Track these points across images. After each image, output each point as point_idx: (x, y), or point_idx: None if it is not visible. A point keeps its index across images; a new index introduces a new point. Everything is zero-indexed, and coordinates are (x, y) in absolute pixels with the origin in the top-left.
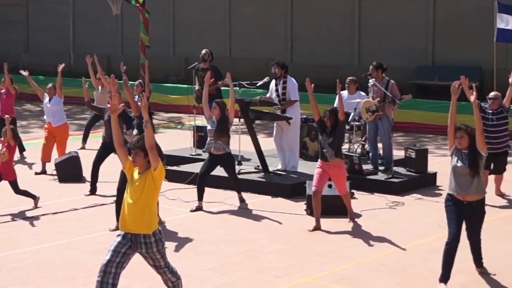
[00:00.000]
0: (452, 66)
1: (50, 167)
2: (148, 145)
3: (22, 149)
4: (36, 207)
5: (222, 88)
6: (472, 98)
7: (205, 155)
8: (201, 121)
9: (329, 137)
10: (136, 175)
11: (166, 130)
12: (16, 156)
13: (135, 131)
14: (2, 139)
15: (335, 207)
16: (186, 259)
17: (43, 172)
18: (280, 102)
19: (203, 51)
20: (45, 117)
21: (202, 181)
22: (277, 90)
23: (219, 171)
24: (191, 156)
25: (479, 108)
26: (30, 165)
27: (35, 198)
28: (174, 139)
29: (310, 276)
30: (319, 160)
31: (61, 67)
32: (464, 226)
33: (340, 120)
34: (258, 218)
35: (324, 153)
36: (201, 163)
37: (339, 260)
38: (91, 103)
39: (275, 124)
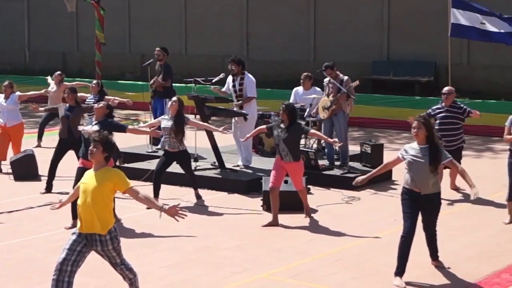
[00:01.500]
0: (407, 61)
1: (6, 166)
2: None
3: None
4: None
5: (174, 84)
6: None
7: (161, 152)
8: (152, 119)
9: (285, 133)
10: (91, 172)
11: None
12: None
13: (89, 127)
14: None
15: (291, 202)
16: (143, 256)
17: None
18: (237, 99)
19: (156, 51)
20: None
21: (158, 178)
22: (234, 86)
23: (175, 168)
24: (147, 153)
25: (428, 114)
26: None
27: None
28: (131, 136)
29: (266, 272)
30: (276, 156)
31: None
32: (420, 218)
33: (298, 122)
34: (214, 214)
35: (280, 152)
36: (157, 160)
37: (295, 256)
38: (47, 108)
39: (233, 120)
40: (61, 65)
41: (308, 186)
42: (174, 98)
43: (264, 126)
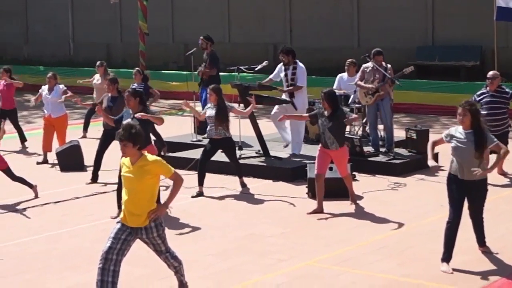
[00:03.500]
0: (452, 46)
1: (52, 157)
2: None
3: (23, 139)
4: (36, 196)
5: (221, 73)
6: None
7: (206, 141)
8: (201, 107)
9: (329, 121)
10: (129, 165)
11: (167, 117)
12: (18, 146)
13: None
14: None
15: (336, 189)
16: (188, 245)
17: (45, 161)
18: (288, 88)
19: (200, 40)
20: (44, 110)
21: (203, 167)
22: (286, 75)
23: (220, 157)
24: (192, 142)
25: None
26: (31, 155)
27: (32, 186)
28: (175, 126)
29: (311, 259)
30: (320, 143)
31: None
32: (466, 205)
33: (341, 108)
34: (259, 202)
35: (325, 140)
36: (202, 149)
37: (340, 243)
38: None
39: (275, 108)
40: (105, 56)
41: (354, 173)
42: (210, 87)
43: (306, 114)
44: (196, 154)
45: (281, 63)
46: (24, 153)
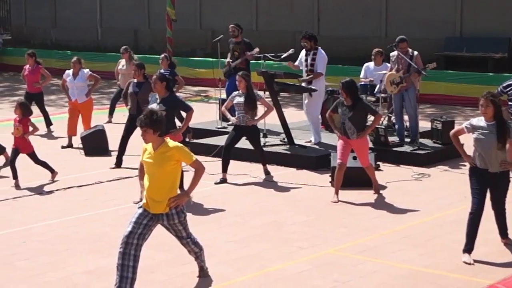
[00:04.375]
0: (480, 37)
1: (77, 141)
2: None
3: (49, 123)
4: (52, 181)
5: (252, 61)
6: None
7: (230, 128)
8: (226, 95)
9: (350, 111)
10: (150, 150)
11: (192, 104)
12: (43, 130)
13: (154, 105)
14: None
15: (360, 179)
16: (210, 231)
17: (70, 145)
18: (307, 73)
19: (230, 28)
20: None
21: (227, 154)
22: (306, 61)
23: (245, 144)
24: (216, 129)
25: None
26: (56, 139)
27: (53, 172)
28: (200, 113)
29: (333, 247)
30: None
31: None
32: (488, 196)
33: (362, 100)
34: (282, 190)
35: (346, 130)
36: (226, 136)
37: (362, 232)
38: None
39: (303, 96)
40: (133, 42)
41: (378, 163)
42: (239, 74)
43: (329, 111)
44: (220, 141)
45: (303, 49)
46: (49, 137)
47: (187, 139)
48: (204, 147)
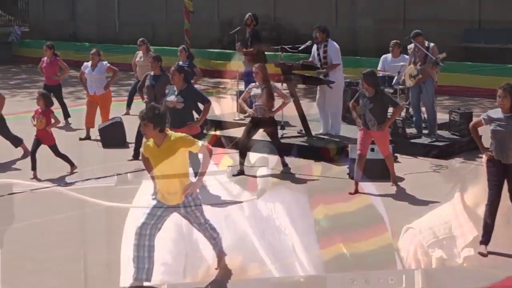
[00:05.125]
0: (499, 29)
1: (94, 133)
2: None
3: (67, 115)
4: (71, 173)
5: (267, 52)
6: None
7: (248, 120)
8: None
9: (370, 102)
10: (154, 147)
11: (210, 96)
12: (61, 122)
13: (172, 97)
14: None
15: (378, 170)
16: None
17: (87, 137)
18: (321, 67)
19: (246, 15)
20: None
21: (245, 145)
22: (318, 55)
23: (262, 136)
24: (234, 121)
25: None
26: (75, 131)
27: (73, 165)
28: (218, 104)
29: None
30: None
31: None
32: (505, 188)
33: (383, 91)
34: (300, 181)
35: (367, 121)
36: (244, 128)
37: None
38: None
39: (318, 88)
40: (150, 34)
41: (396, 155)
42: (256, 65)
43: (352, 101)
44: (238, 132)
45: (314, 44)
46: (67, 128)
47: (204, 131)
48: (222, 139)
